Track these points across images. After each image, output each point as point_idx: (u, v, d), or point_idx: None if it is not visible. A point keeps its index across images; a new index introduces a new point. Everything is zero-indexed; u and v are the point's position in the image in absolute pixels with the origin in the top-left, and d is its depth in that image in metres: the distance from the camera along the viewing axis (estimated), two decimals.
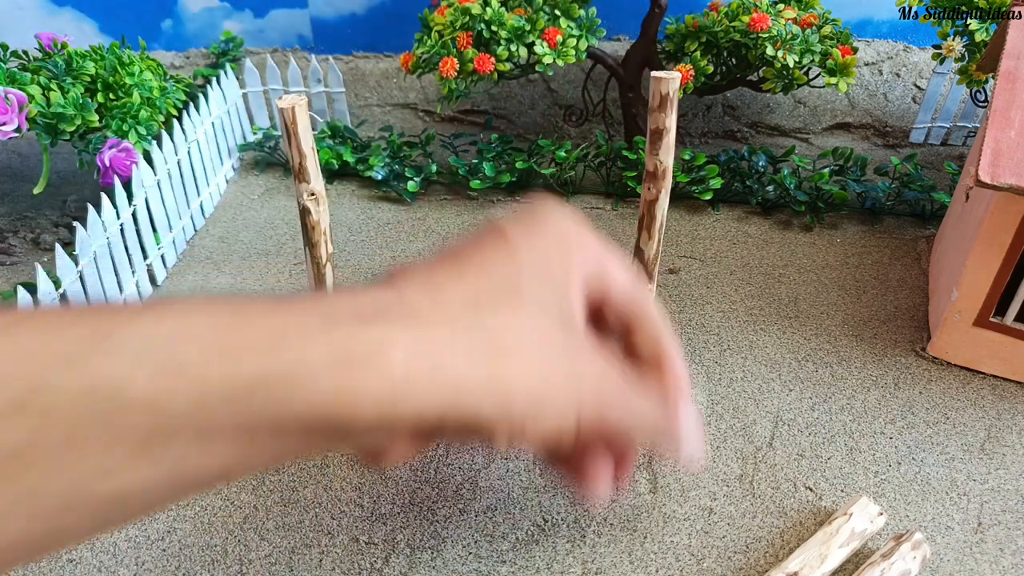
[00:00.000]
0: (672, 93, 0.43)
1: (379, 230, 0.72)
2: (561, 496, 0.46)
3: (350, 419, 0.22)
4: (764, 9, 0.69)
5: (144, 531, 0.44)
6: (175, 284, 0.64)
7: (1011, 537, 0.44)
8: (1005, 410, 0.52)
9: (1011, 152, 0.45)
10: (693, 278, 0.65)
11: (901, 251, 0.68)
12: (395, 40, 0.96)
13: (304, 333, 0.22)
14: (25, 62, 0.69)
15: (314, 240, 0.44)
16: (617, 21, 0.93)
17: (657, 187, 0.47)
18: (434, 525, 0.44)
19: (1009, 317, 0.51)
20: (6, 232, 0.71)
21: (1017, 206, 0.47)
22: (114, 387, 0.20)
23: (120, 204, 0.59)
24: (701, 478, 0.47)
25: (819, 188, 0.72)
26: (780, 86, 0.69)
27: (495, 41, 0.68)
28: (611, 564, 0.42)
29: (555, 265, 0.29)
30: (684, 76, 0.71)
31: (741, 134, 0.89)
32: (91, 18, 0.95)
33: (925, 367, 0.55)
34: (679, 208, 0.74)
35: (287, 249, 0.69)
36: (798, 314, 0.61)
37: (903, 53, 0.91)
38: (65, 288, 0.51)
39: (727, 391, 0.53)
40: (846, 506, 0.43)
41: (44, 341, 0.20)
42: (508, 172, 0.74)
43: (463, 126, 0.92)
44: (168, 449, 0.20)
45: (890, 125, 0.88)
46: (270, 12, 0.96)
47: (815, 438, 0.50)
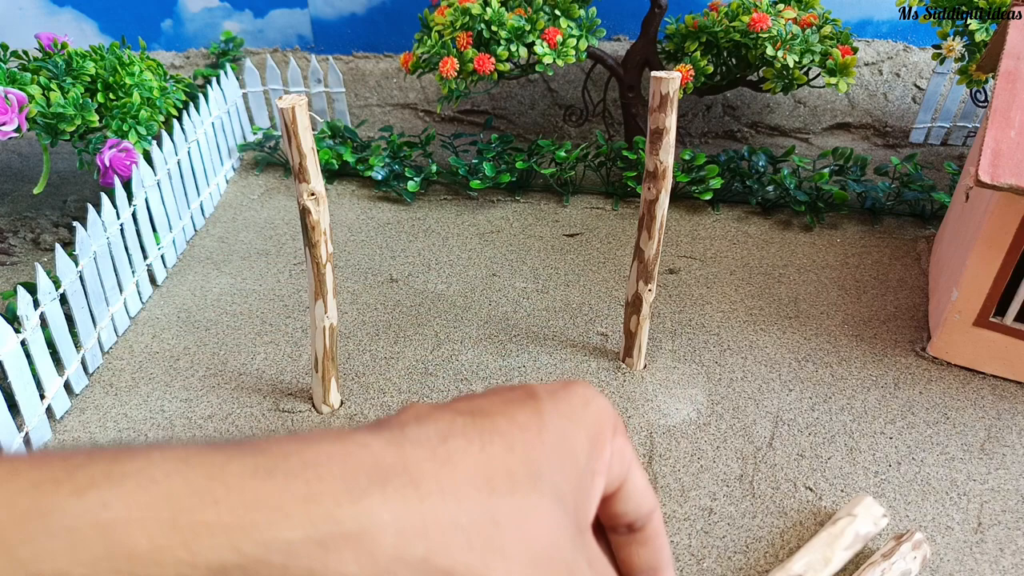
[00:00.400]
0: (672, 93, 0.43)
1: (379, 230, 0.72)
2: None
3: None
4: (764, 9, 0.69)
5: None
6: (175, 284, 0.64)
7: (1011, 537, 0.44)
8: (1005, 410, 0.52)
9: (1011, 152, 0.45)
10: (693, 278, 0.65)
11: (901, 251, 0.68)
12: (395, 40, 0.96)
13: (282, 506, 0.20)
14: (25, 62, 0.69)
15: (314, 240, 0.44)
16: (617, 21, 0.93)
17: (657, 187, 0.47)
18: None
19: (1009, 317, 0.51)
20: (6, 232, 0.71)
21: (1017, 206, 0.47)
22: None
23: (120, 204, 0.59)
24: (701, 478, 0.47)
25: (819, 188, 0.72)
26: (780, 86, 0.69)
27: (495, 41, 0.68)
28: None
29: (582, 452, 0.27)
30: (684, 76, 0.71)
31: (741, 134, 0.89)
32: (91, 18, 0.95)
33: (925, 367, 0.55)
34: (679, 208, 0.74)
35: (287, 249, 0.69)
36: (798, 314, 0.61)
37: (903, 53, 0.91)
38: (65, 288, 0.51)
39: (727, 391, 0.53)
40: (850, 506, 0.43)
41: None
42: (508, 172, 0.74)
43: (463, 126, 0.92)
44: None
45: (890, 125, 0.88)
46: (270, 12, 0.96)
47: (815, 438, 0.50)
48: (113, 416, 0.51)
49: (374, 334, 0.58)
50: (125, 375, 0.55)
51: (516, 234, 0.71)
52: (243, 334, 0.59)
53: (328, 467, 0.22)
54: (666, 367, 0.55)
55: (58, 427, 0.50)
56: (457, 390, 0.53)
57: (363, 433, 0.23)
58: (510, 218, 0.73)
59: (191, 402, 0.52)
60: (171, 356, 0.57)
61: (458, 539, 0.22)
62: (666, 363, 0.56)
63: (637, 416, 0.51)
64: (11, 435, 0.46)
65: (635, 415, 0.51)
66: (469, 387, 0.53)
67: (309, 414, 0.51)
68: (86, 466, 0.19)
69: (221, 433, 0.50)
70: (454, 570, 0.22)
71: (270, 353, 0.57)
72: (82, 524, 0.18)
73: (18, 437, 0.47)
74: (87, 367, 0.54)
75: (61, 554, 0.17)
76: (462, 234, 0.71)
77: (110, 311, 0.57)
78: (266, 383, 0.54)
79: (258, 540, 0.20)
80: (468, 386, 0.54)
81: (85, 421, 0.51)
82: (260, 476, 0.21)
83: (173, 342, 0.58)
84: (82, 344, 0.53)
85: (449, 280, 0.65)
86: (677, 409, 0.52)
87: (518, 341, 0.58)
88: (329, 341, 0.48)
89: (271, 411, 0.52)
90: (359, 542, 0.21)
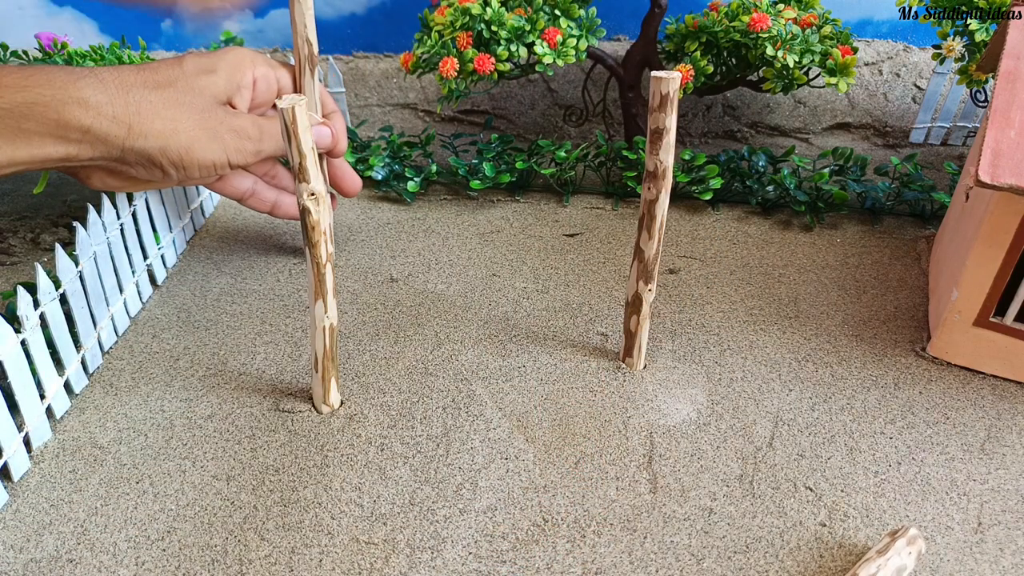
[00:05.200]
0: (672, 93, 0.43)
1: (379, 230, 0.72)
2: (561, 496, 0.46)
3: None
4: (764, 9, 0.69)
5: (144, 531, 0.44)
6: (175, 284, 0.64)
7: (1011, 537, 0.44)
8: (1005, 410, 0.52)
9: (1011, 152, 0.45)
10: (693, 278, 0.65)
11: (901, 251, 0.68)
12: (395, 40, 0.96)
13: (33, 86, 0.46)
14: (25, 62, 0.69)
15: (314, 240, 0.44)
16: (617, 21, 0.93)
17: (657, 187, 0.47)
18: (434, 525, 0.44)
19: (1009, 317, 0.51)
20: (6, 232, 0.71)
21: (1017, 206, 0.47)
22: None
23: (120, 204, 0.59)
24: (701, 478, 0.47)
25: (819, 188, 0.72)
26: (780, 86, 0.69)
27: (495, 41, 0.68)
28: (611, 564, 0.42)
29: (222, 71, 0.55)
30: (684, 76, 0.71)
31: (741, 134, 0.89)
32: (91, 18, 0.95)
33: (925, 367, 0.55)
34: (679, 208, 0.74)
35: (287, 249, 0.69)
36: (798, 314, 0.61)
37: (903, 53, 0.91)
38: (65, 288, 0.51)
39: (727, 391, 0.53)
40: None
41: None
42: (508, 172, 0.74)
43: (463, 126, 0.92)
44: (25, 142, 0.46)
45: (890, 125, 0.88)
46: (270, 12, 0.96)
47: (815, 438, 0.50)
48: (113, 416, 0.51)
49: (374, 334, 0.59)
50: (125, 375, 0.55)
51: (516, 234, 0.71)
52: (243, 334, 0.59)
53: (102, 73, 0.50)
54: (666, 367, 0.55)
55: (58, 427, 0.50)
56: (457, 390, 0.53)
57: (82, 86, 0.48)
58: (510, 218, 0.73)
59: (191, 402, 0.52)
60: (171, 356, 0.57)
61: (141, 109, 0.50)
62: (666, 363, 0.56)
63: (637, 416, 0.51)
64: (11, 435, 0.46)
65: (635, 415, 0.51)
66: (469, 387, 0.53)
67: (309, 414, 0.51)
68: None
69: (221, 433, 0.50)
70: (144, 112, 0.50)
71: (270, 353, 0.57)
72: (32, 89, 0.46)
73: (18, 437, 0.47)
74: (87, 367, 0.54)
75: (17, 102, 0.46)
76: (462, 234, 0.71)
77: (110, 311, 0.57)
78: (266, 383, 0.54)
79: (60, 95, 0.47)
80: (468, 386, 0.54)
81: (85, 421, 0.51)
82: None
83: (173, 342, 0.58)
84: (82, 344, 0.53)
85: (449, 280, 0.65)
86: (677, 409, 0.52)
87: (518, 341, 0.58)
88: (329, 341, 0.49)
89: (271, 411, 0.52)
90: (83, 104, 0.47)
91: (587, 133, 0.88)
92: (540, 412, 0.51)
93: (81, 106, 0.47)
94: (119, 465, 0.48)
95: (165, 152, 0.51)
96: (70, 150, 0.48)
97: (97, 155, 0.49)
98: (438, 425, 0.51)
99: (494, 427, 0.50)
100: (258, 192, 0.61)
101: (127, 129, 0.49)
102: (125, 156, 0.50)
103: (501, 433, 0.50)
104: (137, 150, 0.50)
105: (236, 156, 0.54)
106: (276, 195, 0.63)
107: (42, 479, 0.47)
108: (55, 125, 0.46)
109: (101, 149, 0.49)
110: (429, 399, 0.53)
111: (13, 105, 0.45)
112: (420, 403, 0.52)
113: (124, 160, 0.51)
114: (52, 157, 0.48)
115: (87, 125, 0.47)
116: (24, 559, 0.42)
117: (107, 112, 0.48)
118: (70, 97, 0.46)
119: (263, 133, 0.55)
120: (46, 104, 0.46)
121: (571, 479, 0.47)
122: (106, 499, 0.46)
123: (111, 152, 0.49)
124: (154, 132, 0.50)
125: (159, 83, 0.51)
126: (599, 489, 0.46)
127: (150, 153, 0.50)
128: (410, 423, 0.51)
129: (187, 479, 0.47)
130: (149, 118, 0.50)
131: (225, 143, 0.53)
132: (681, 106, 0.88)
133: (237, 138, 0.54)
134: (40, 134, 0.46)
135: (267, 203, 0.62)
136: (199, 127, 0.52)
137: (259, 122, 0.55)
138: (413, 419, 0.51)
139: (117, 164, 0.51)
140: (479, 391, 0.53)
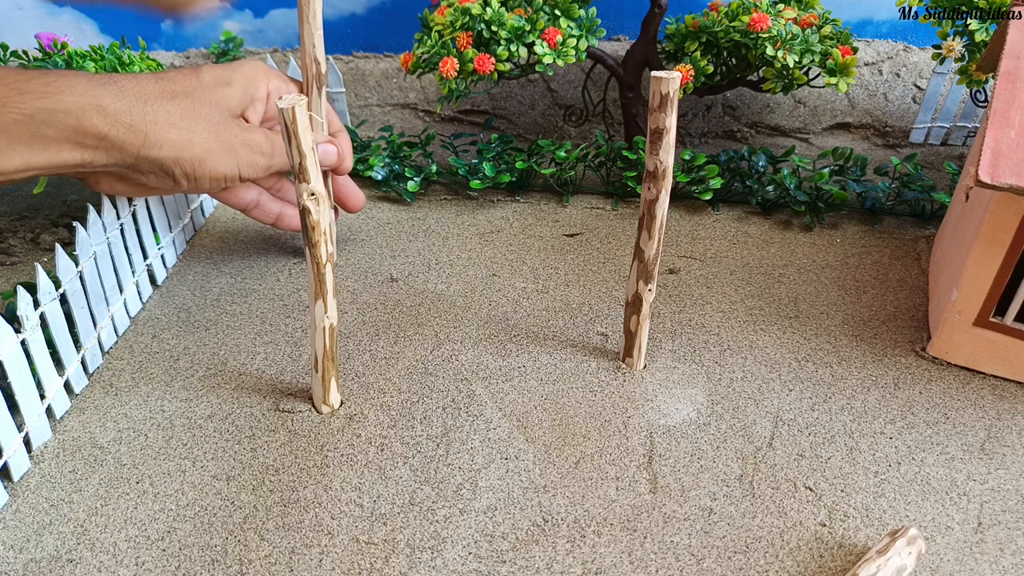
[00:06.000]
0: (672, 93, 0.43)
1: (379, 230, 0.72)
2: (561, 496, 0.46)
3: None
4: (764, 9, 0.69)
5: (144, 531, 0.44)
6: (175, 284, 0.64)
7: (1011, 537, 0.44)
8: (1005, 410, 0.52)
9: (1011, 152, 0.45)
10: (693, 278, 0.65)
11: (901, 251, 0.68)
12: (395, 40, 0.96)
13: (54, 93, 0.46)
14: (25, 62, 0.69)
15: (314, 240, 0.44)
16: (617, 21, 0.93)
17: (657, 187, 0.47)
18: (434, 525, 0.44)
19: (1009, 317, 0.51)
20: (6, 232, 0.71)
21: (1017, 206, 0.47)
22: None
23: (120, 204, 0.59)
24: (701, 478, 0.47)
25: (819, 188, 0.72)
26: (780, 86, 0.69)
27: (495, 41, 0.68)
28: (611, 564, 0.42)
29: (237, 83, 0.55)
30: (684, 76, 0.71)
31: (741, 134, 0.89)
32: (91, 18, 0.95)
33: (925, 367, 0.55)
34: (679, 208, 0.74)
35: (287, 249, 0.69)
36: (798, 314, 0.61)
37: (903, 53, 0.91)
38: (65, 288, 0.51)
39: (727, 391, 0.53)
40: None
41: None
42: (508, 172, 0.74)
43: (463, 126, 0.92)
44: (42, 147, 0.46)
45: (890, 125, 0.88)
46: (270, 12, 0.96)
47: (815, 438, 0.50)
48: (113, 416, 0.51)
49: (374, 334, 0.59)
50: (125, 375, 0.55)
51: (516, 234, 0.71)
52: (243, 334, 0.59)
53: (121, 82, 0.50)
54: (666, 367, 0.55)
55: (58, 427, 0.50)
56: (457, 390, 0.53)
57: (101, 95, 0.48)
58: (510, 218, 0.73)
59: (191, 402, 0.52)
60: (171, 356, 0.57)
61: (159, 117, 0.50)
62: (666, 363, 0.56)
63: (637, 416, 0.51)
64: (11, 435, 0.46)
65: (635, 415, 0.51)
66: (469, 387, 0.53)
67: (309, 414, 0.51)
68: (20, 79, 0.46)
69: (221, 433, 0.50)
70: (158, 120, 0.50)
71: (270, 353, 0.57)
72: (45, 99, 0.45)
73: (18, 437, 0.47)
74: (87, 367, 0.54)
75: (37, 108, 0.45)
76: (462, 234, 0.71)
77: (110, 311, 0.57)
78: (266, 383, 0.54)
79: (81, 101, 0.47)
80: (468, 386, 0.54)
81: (85, 421, 0.51)
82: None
83: (173, 342, 0.58)
84: (82, 344, 0.53)
85: (449, 280, 0.65)
86: (677, 409, 0.52)
87: (518, 341, 0.58)
88: (329, 341, 0.49)
89: (271, 411, 0.52)
90: (101, 111, 0.47)
91: (587, 133, 0.88)
92: (540, 412, 0.51)
93: (100, 113, 0.47)
94: (119, 465, 0.48)
95: (179, 162, 0.51)
96: (85, 156, 0.48)
97: (111, 162, 0.49)
98: (438, 425, 0.51)
99: (494, 427, 0.50)
100: (263, 204, 0.61)
101: (143, 138, 0.49)
102: (139, 164, 0.50)
103: (501, 433, 0.50)
104: (151, 159, 0.50)
105: (248, 170, 0.54)
106: (280, 207, 0.63)
107: (42, 479, 0.47)
108: (73, 131, 0.46)
109: (116, 156, 0.49)
110: (429, 399, 0.53)
111: (35, 111, 0.44)
112: (420, 403, 0.52)
113: (137, 168, 0.51)
114: (68, 163, 0.47)
115: (104, 132, 0.47)
116: (24, 559, 0.42)
117: (125, 120, 0.48)
118: (90, 104, 0.46)
119: (275, 148, 0.55)
120: (67, 111, 0.45)
121: (571, 479, 0.47)
122: (106, 499, 0.46)
123: (125, 160, 0.49)
124: (169, 142, 0.50)
125: (176, 93, 0.51)
126: (599, 489, 0.46)
127: (164, 162, 0.50)
128: (410, 423, 0.51)
129: (187, 479, 0.47)
130: (165, 128, 0.49)
131: (238, 156, 0.53)
132: (681, 106, 0.88)
133: (250, 152, 0.54)
134: (58, 140, 0.46)
135: (271, 215, 0.62)
136: (214, 139, 0.52)
137: (272, 137, 0.55)
138: (413, 419, 0.51)
139: (129, 171, 0.51)
140: (479, 391, 0.53)
